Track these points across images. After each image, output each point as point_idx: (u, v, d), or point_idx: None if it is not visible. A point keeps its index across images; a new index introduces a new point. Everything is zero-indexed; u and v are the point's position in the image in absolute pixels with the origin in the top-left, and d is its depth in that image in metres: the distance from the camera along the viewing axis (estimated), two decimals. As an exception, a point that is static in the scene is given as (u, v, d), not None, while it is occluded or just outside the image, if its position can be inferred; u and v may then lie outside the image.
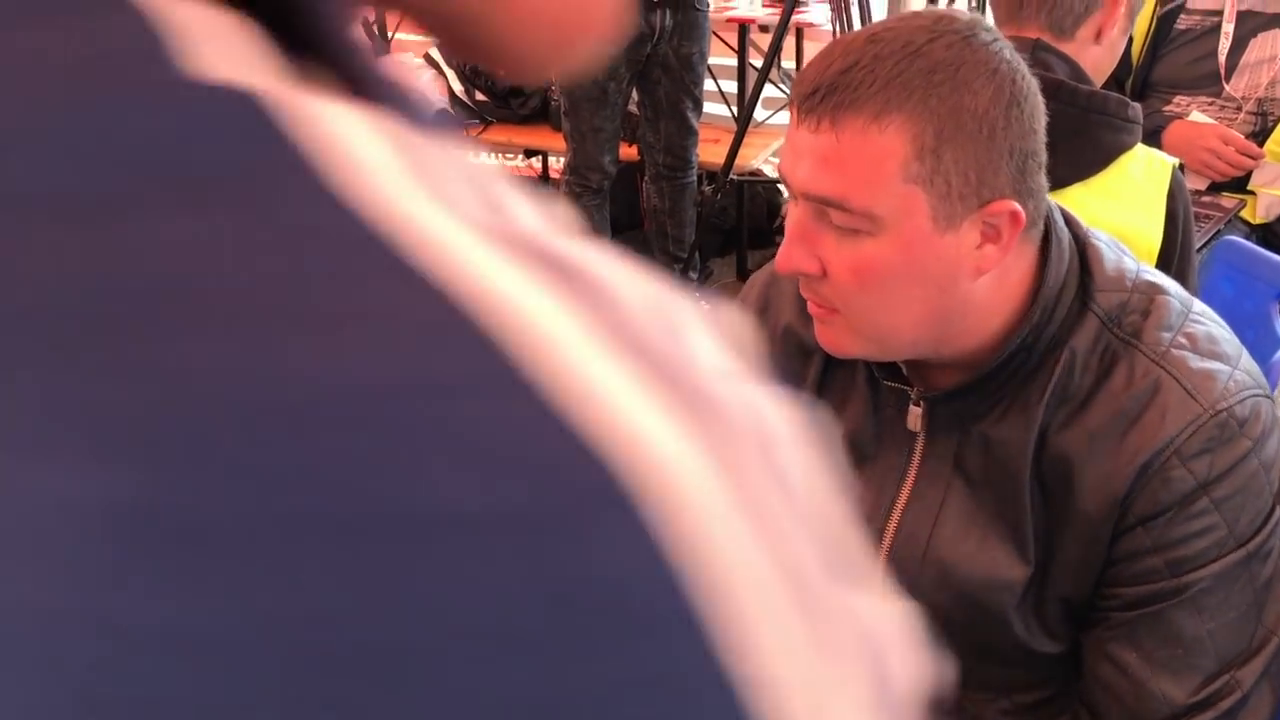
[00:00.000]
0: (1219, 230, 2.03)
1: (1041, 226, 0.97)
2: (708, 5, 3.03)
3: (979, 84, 0.87)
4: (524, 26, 0.31)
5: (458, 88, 3.84)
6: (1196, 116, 2.23)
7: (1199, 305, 1.02)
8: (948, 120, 0.86)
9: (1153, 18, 2.29)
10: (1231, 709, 0.96)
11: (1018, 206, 0.90)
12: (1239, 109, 2.23)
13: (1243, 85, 2.23)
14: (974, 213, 0.89)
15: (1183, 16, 2.31)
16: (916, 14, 0.91)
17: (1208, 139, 2.17)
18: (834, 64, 0.88)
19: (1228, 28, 2.24)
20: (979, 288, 0.93)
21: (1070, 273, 0.98)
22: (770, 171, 3.95)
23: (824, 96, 0.87)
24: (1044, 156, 0.93)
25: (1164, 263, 1.42)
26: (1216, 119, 2.23)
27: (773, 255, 3.25)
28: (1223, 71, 2.24)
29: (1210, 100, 2.26)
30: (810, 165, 0.89)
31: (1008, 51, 0.90)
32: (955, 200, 0.88)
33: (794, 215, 0.94)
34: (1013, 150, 0.89)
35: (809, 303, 0.98)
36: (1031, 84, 0.91)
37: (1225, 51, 2.24)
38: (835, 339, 0.98)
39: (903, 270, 0.90)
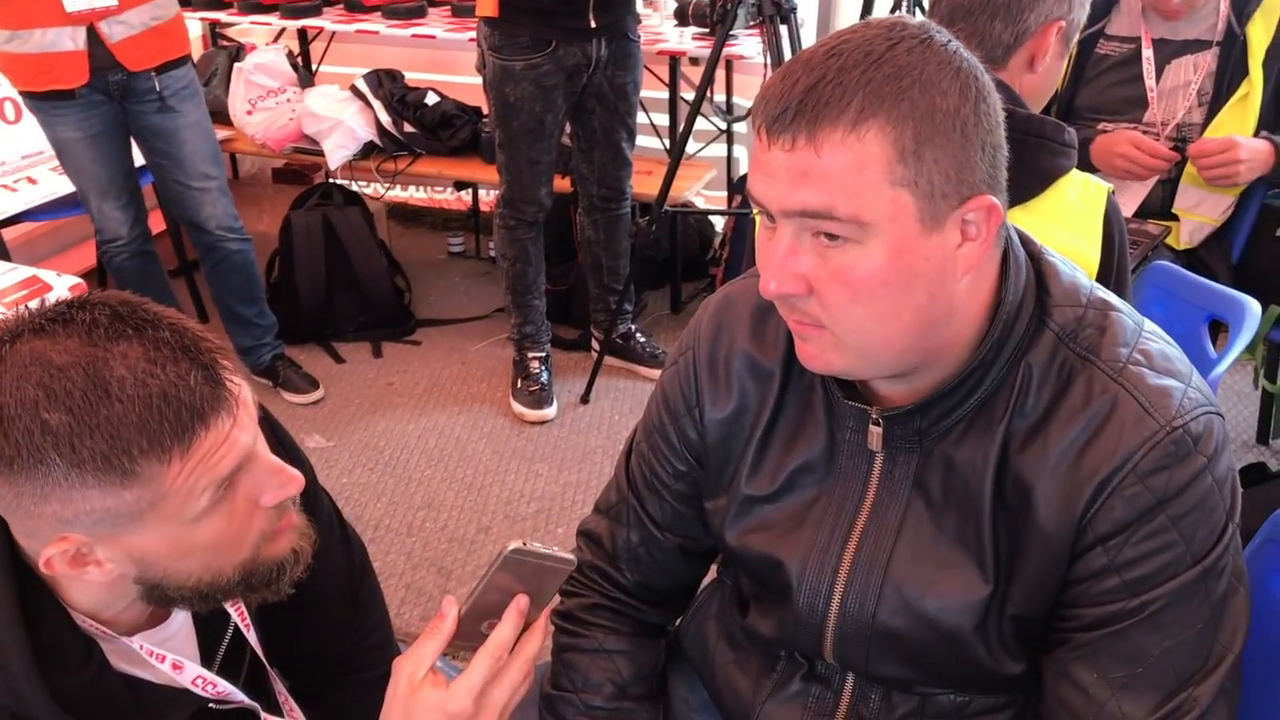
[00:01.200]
0: (1147, 256, 2.07)
1: (1005, 237, 0.98)
2: (639, 36, 3.04)
3: (946, 83, 0.88)
4: None
5: (385, 119, 3.80)
6: None
7: (1150, 324, 1.02)
8: (923, 121, 0.87)
9: (1076, 43, 2.35)
10: None
11: (995, 200, 0.91)
12: (1158, 136, 2.29)
13: (1160, 111, 2.29)
14: (955, 210, 0.90)
15: (1102, 42, 2.39)
16: (868, 24, 0.91)
17: (1120, 144, 2.24)
18: (799, 81, 0.87)
19: (1148, 53, 2.31)
20: (960, 293, 0.93)
21: (1028, 288, 0.99)
22: (702, 203, 3.97)
23: (795, 113, 0.86)
24: (1006, 153, 0.94)
25: (1101, 283, 1.43)
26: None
27: (707, 285, 3.29)
28: (1152, 97, 2.30)
29: (1132, 125, 2.32)
30: (789, 182, 0.88)
31: (964, 50, 0.91)
32: (939, 199, 0.88)
33: (770, 238, 0.93)
34: (984, 145, 0.90)
35: (791, 321, 0.96)
36: (989, 81, 0.92)
37: (1152, 76, 2.30)
38: (819, 355, 0.96)
39: (893, 276, 0.89)
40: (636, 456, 1.22)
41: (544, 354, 3.29)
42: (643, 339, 3.42)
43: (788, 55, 2.80)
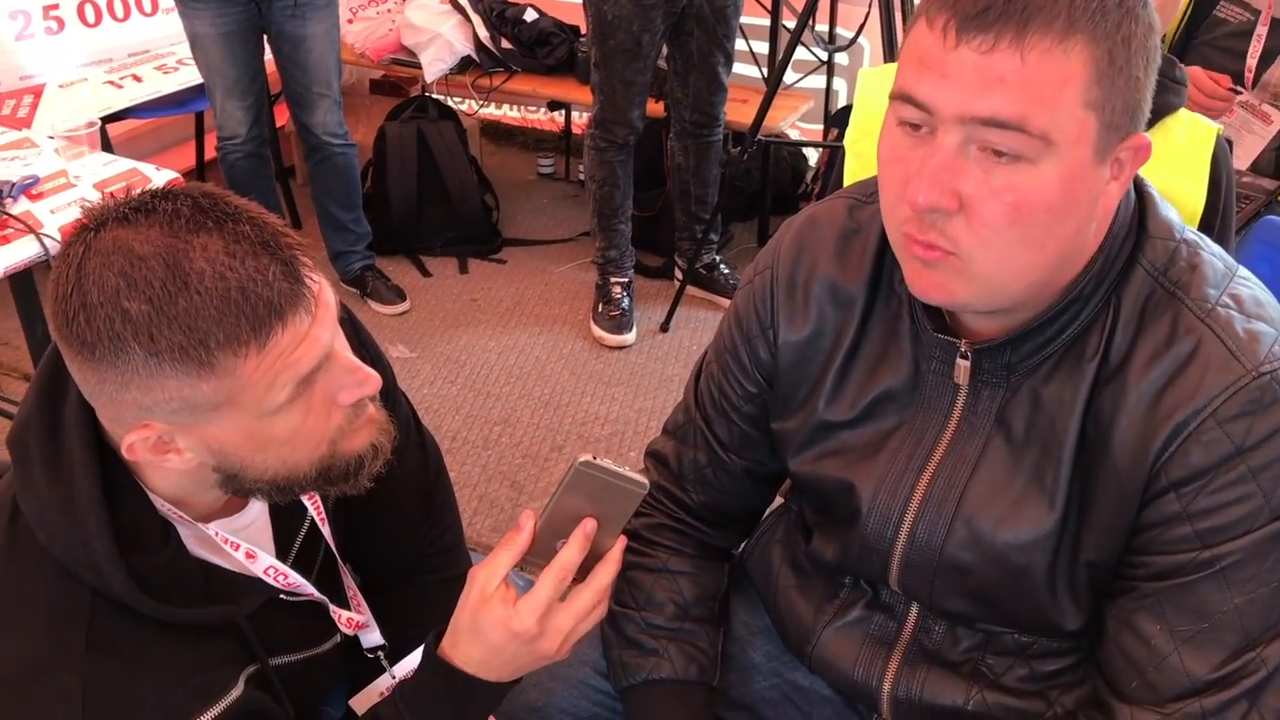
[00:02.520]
0: (1258, 212, 2.00)
1: None
2: (743, -41, 2.98)
3: (1139, 10, 0.85)
4: None
5: (483, 34, 3.79)
6: None
7: (1244, 270, 0.99)
8: (1121, 45, 0.83)
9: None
10: (1254, 688, 0.94)
11: (1149, 138, 0.88)
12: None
13: (1267, 97, 2.19)
14: (1120, 144, 0.87)
15: (1223, 4, 2.27)
16: None
17: None
18: None
19: (1261, 30, 2.20)
20: (1092, 231, 0.91)
21: (1131, 221, 0.96)
22: (797, 135, 3.90)
23: (1002, 13, 0.82)
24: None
25: (1204, 228, 1.39)
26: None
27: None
28: (1249, 76, 2.19)
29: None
30: (978, 86, 0.83)
31: None
32: (1113, 130, 0.86)
33: (917, 145, 0.88)
34: (1153, 82, 0.87)
35: (917, 244, 0.91)
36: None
37: (1256, 55, 2.19)
38: (943, 283, 0.92)
39: (1059, 201, 0.86)
40: (705, 377, 1.21)
41: (627, 280, 3.28)
42: (726, 270, 3.40)
43: (895, -14, 2.72)
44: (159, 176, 2.07)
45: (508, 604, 0.96)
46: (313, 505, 1.12)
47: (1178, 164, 1.37)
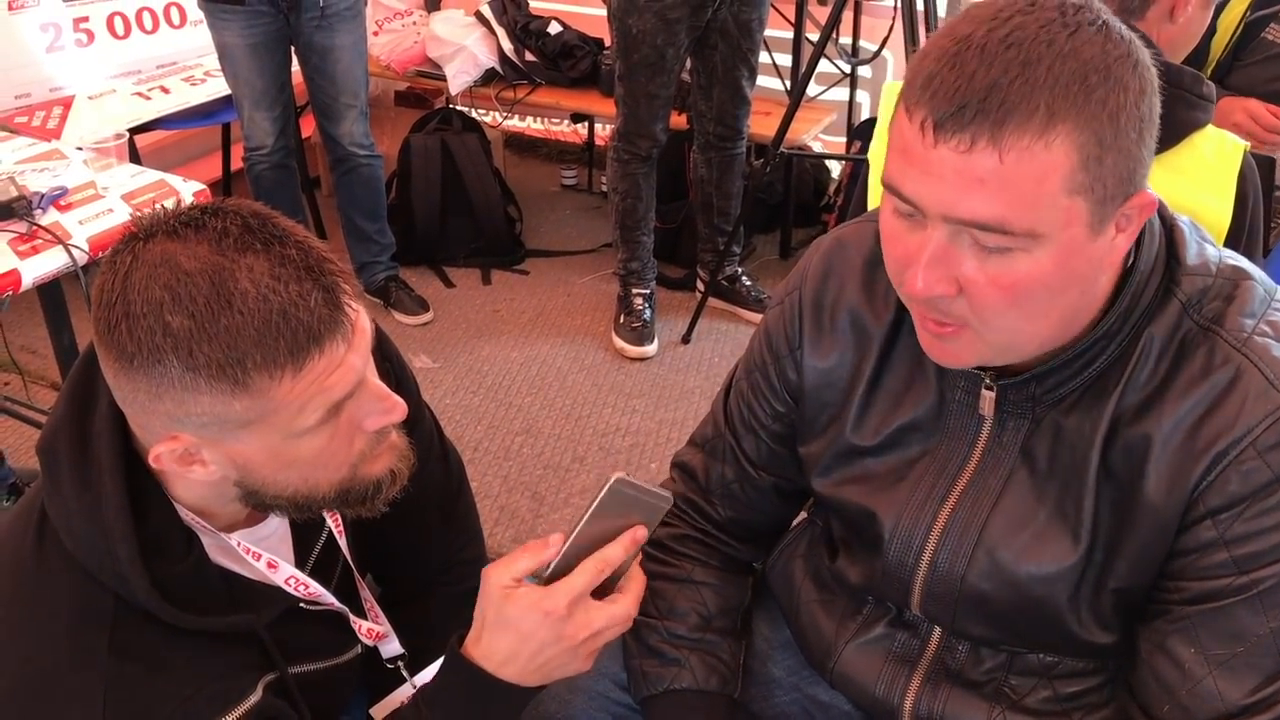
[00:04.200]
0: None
1: None
2: (767, -27, 2.98)
3: (1128, 78, 0.82)
4: None
5: (508, 47, 3.81)
6: None
7: None
8: (1108, 124, 0.81)
9: (1243, 19, 2.23)
10: None
11: (1154, 194, 0.87)
12: None
13: None
14: (1119, 208, 0.86)
15: (1272, 27, 2.25)
16: (1033, 3, 0.83)
17: (1235, 112, 2.14)
18: (975, 74, 0.80)
19: None
20: (1103, 279, 0.91)
21: (1158, 257, 0.95)
22: (819, 148, 3.90)
23: (977, 112, 0.80)
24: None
25: (1230, 245, 1.38)
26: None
27: (818, 232, 3.24)
28: None
29: None
30: (959, 187, 0.82)
31: (1134, 35, 0.85)
32: (1109, 202, 0.84)
33: (910, 231, 0.88)
34: (1151, 139, 0.86)
35: (929, 321, 0.92)
36: (1151, 62, 0.86)
37: None
38: (957, 354, 0.93)
39: (1055, 280, 0.86)
40: (735, 394, 1.22)
41: (648, 291, 3.29)
42: (748, 282, 3.40)
43: (919, 1, 2.72)
44: (186, 188, 2.09)
45: (535, 590, 0.97)
46: (331, 518, 1.13)
47: (1204, 181, 1.37)
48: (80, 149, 2.27)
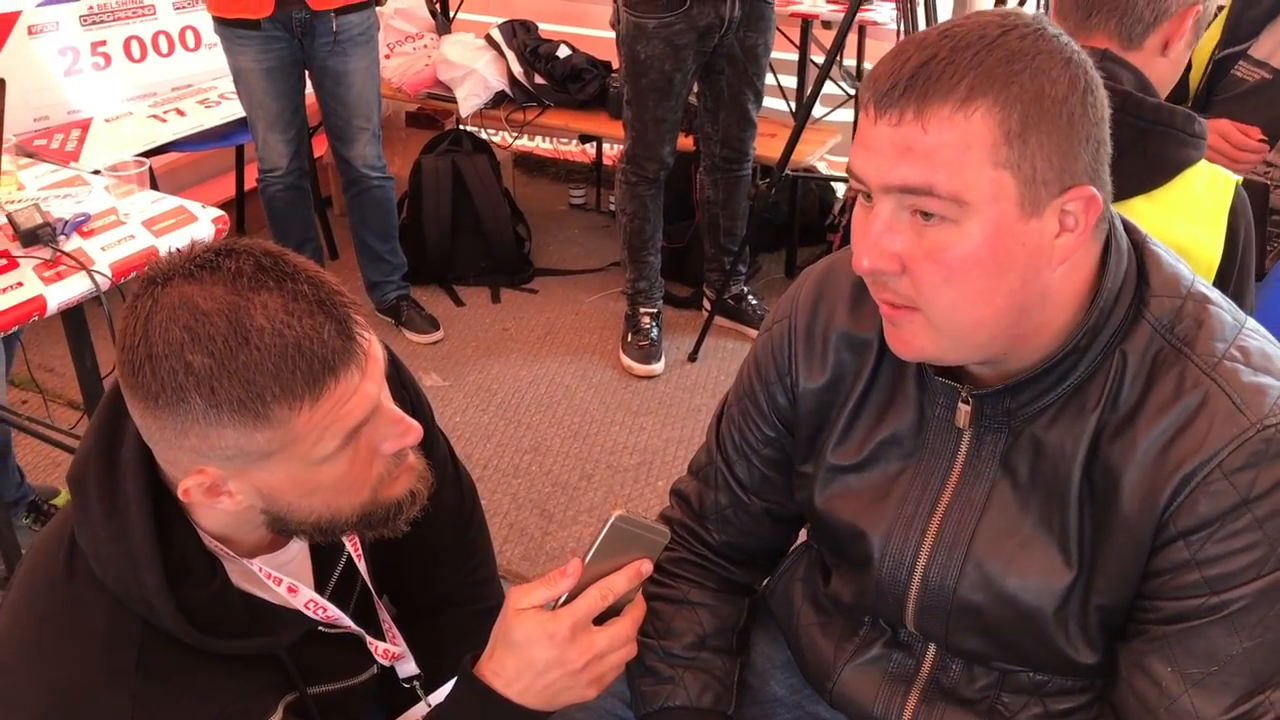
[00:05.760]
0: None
1: (1106, 225, 0.98)
2: (773, -2, 3.03)
3: (1056, 72, 0.88)
4: None
5: (517, 70, 3.86)
6: None
7: (1253, 322, 1.01)
8: (1031, 105, 0.87)
9: (1211, 59, 2.24)
10: None
11: (1095, 192, 0.91)
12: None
13: None
14: (1056, 198, 0.90)
15: (1241, 64, 2.24)
16: (982, 12, 0.92)
17: (1207, 136, 2.10)
18: (910, 59, 0.89)
19: None
20: (1054, 280, 0.94)
21: (1128, 277, 0.99)
22: (824, 168, 3.94)
23: (905, 89, 0.88)
24: (1110, 148, 0.94)
25: (1222, 280, 1.41)
26: (1265, 175, 2.18)
27: (823, 251, 3.25)
28: None
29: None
30: (892, 156, 0.89)
31: (1075, 44, 0.92)
32: (1039, 185, 0.89)
33: (867, 214, 0.94)
34: (1089, 137, 0.90)
35: (882, 305, 0.98)
36: (1098, 77, 0.92)
37: None
38: (910, 340, 0.97)
39: (989, 258, 0.90)
40: (727, 420, 1.25)
41: (656, 310, 3.33)
42: (754, 301, 3.44)
43: (923, 23, 2.76)
44: (204, 214, 2.14)
45: (542, 614, 1.02)
46: (350, 543, 1.17)
47: (1195, 216, 1.40)
48: (97, 173, 2.31)
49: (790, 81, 3.80)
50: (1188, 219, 1.39)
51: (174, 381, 0.90)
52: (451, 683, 1.09)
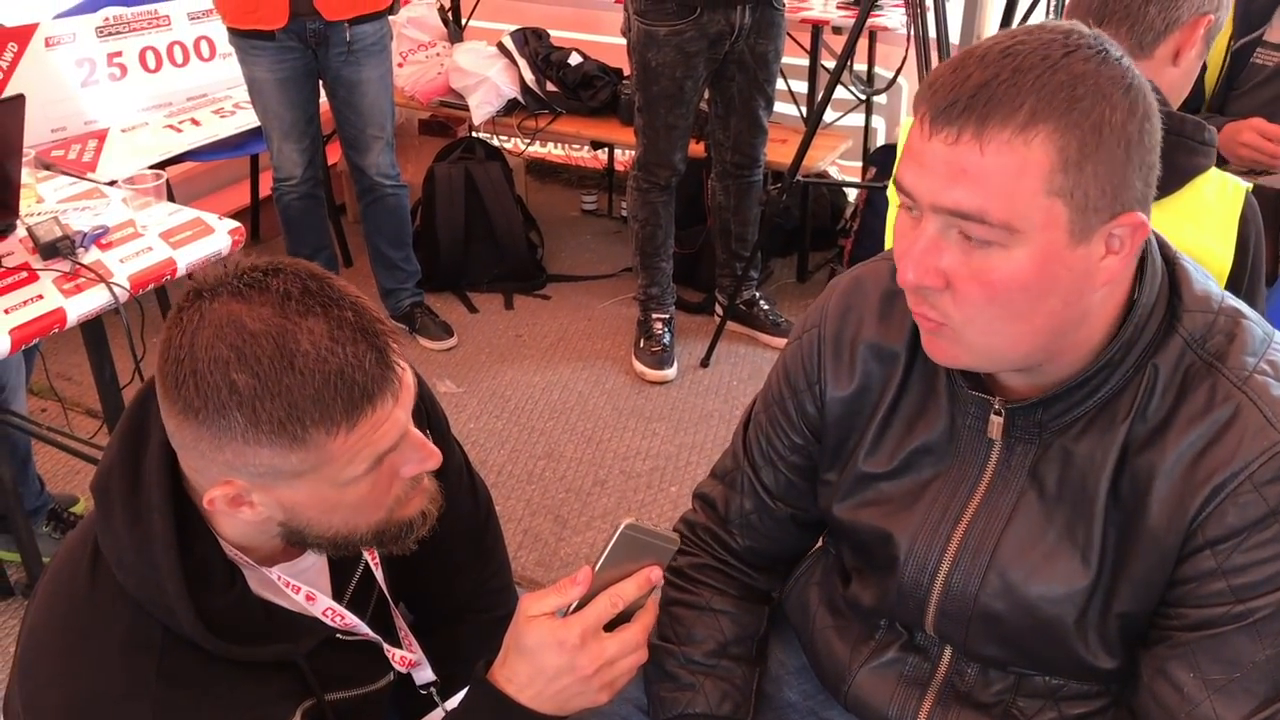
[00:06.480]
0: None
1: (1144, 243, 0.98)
2: (784, 4, 3.04)
3: (1117, 98, 0.87)
4: None
5: (529, 77, 3.88)
6: None
7: None
8: (1091, 133, 0.86)
9: (1227, 51, 2.22)
10: None
11: (1144, 218, 0.92)
12: None
13: None
14: (1105, 224, 0.90)
15: (1259, 51, 2.23)
16: (1042, 26, 0.91)
17: (1243, 132, 2.08)
18: (972, 75, 0.88)
19: None
20: (1095, 300, 0.94)
21: (1161, 292, 1.00)
22: (836, 173, 3.95)
23: (965, 108, 0.87)
24: (1159, 170, 0.94)
25: (1233, 286, 1.42)
26: None
27: (834, 256, 3.26)
28: None
29: None
30: (946, 177, 0.89)
31: (1135, 68, 0.91)
32: (1091, 212, 0.89)
33: (913, 227, 0.94)
34: (1142, 163, 0.90)
35: (918, 314, 0.98)
36: (1154, 102, 0.91)
37: None
38: (947, 348, 0.98)
39: (1034, 283, 0.90)
40: (754, 427, 1.26)
41: (668, 315, 3.34)
42: (766, 306, 3.44)
43: (932, 29, 2.77)
44: (221, 226, 2.16)
45: (553, 620, 1.03)
46: (368, 553, 1.18)
47: (1205, 224, 1.40)
48: (113, 184, 2.33)
49: (801, 87, 3.81)
50: (1198, 227, 1.39)
51: (217, 398, 0.92)
52: (466, 689, 1.11)
